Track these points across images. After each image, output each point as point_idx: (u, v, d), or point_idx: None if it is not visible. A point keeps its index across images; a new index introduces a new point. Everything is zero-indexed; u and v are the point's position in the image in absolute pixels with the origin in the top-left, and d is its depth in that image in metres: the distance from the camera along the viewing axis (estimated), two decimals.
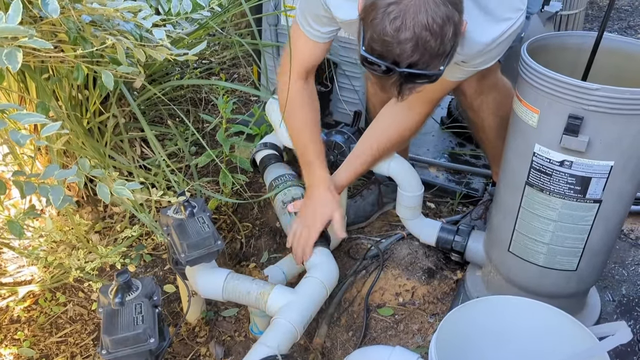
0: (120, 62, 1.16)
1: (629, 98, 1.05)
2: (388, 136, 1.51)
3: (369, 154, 1.53)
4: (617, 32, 3.66)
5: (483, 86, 1.53)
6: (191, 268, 1.31)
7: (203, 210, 1.34)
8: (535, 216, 1.27)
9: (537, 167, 1.22)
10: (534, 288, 1.38)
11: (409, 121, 1.48)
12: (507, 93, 1.54)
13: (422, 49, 0.99)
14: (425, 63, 1.02)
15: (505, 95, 1.54)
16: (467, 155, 2.16)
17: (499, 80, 1.54)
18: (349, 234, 1.84)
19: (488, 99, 1.55)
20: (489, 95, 1.55)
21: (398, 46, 0.99)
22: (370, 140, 1.53)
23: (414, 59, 1.00)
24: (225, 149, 1.81)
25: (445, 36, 1.00)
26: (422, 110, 1.46)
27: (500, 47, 1.23)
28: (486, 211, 1.77)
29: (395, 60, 1.01)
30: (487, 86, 1.53)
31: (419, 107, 1.45)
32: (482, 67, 1.29)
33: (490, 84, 1.53)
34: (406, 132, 1.50)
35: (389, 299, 1.62)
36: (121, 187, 1.12)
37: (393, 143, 1.52)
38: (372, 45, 1.03)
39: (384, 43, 1.00)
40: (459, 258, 1.60)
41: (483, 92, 1.54)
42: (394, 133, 1.50)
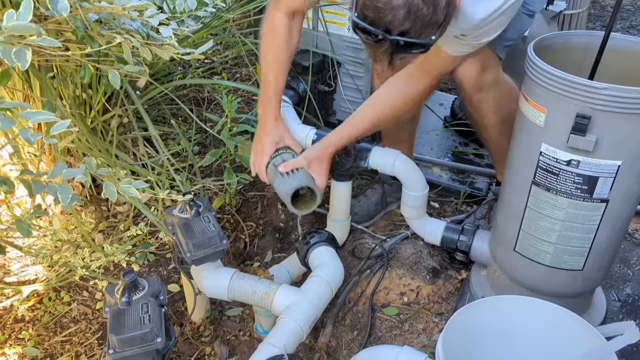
0: (127, 61, 1.16)
1: (637, 97, 1.05)
2: (390, 105, 1.49)
3: (368, 121, 1.51)
4: (620, 31, 3.66)
5: (482, 82, 1.51)
6: (197, 267, 1.31)
7: (208, 210, 1.34)
8: (541, 216, 1.27)
9: (543, 166, 1.22)
10: (540, 288, 1.37)
11: (412, 91, 1.46)
12: (508, 92, 1.54)
13: (414, 16, 1.00)
14: (417, 31, 1.02)
15: (506, 94, 1.54)
16: (471, 154, 2.16)
17: (499, 78, 1.53)
18: (352, 234, 1.84)
19: (488, 97, 1.54)
20: (489, 92, 1.53)
21: (390, 13, 1.00)
22: (372, 107, 1.52)
23: (405, 27, 1.01)
24: (229, 148, 1.81)
25: (438, 5, 1.01)
26: (425, 82, 1.45)
27: (497, 22, 1.23)
28: (490, 211, 1.77)
29: (387, 27, 1.02)
30: (487, 83, 1.51)
31: (422, 78, 1.44)
32: (482, 41, 1.29)
33: (489, 80, 1.51)
34: (409, 102, 1.48)
35: (394, 298, 1.62)
36: (128, 185, 1.12)
37: (395, 111, 1.50)
38: (365, 11, 1.03)
39: (376, 9, 1.01)
40: (464, 257, 1.59)
41: (482, 89, 1.52)
42: (396, 102, 1.49)
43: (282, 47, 1.54)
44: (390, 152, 1.58)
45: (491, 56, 1.49)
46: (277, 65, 1.56)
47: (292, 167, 1.48)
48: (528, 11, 1.49)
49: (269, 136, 1.56)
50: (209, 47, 1.19)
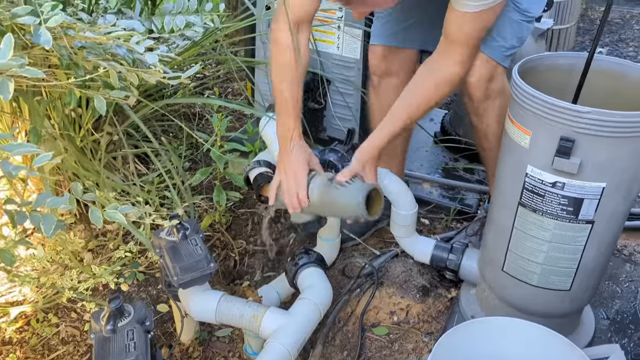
0: (113, 85, 1.16)
1: (620, 121, 1.06)
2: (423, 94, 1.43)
3: (406, 115, 1.45)
4: (609, 45, 3.69)
5: (490, 90, 1.52)
6: (184, 291, 1.30)
7: (196, 232, 1.34)
8: (528, 236, 1.28)
9: (529, 187, 1.22)
10: (528, 308, 1.38)
11: (440, 73, 1.41)
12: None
13: None
14: None
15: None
16: (461, 170, 2.17)
17: (505, 86, 1.54)
18: (342, 252, 1.84)
19: (494, 104, 1.55)
20: (495, 100, 1.54)
21: None
22: (406, 101, 1.45)
23: None
24: (219, 167, 1.81)
25: None
26: (449, 60, 1.39)
27: None
28: (482, 228, 1.77)
29: None
30: (495, 91, 1.53)
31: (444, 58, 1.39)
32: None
33: (497, 88, 1.53)
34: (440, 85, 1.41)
35: (384, 317, 1.61)
36: (114, 211, 1.12)
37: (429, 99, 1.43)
38: None
39: None
40: (453, 276, 1.60)
41: (490, 97, 1.54)
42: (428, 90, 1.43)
43: (291, 65, 1.48)
44: (379, 171, 1.59)
45: (495, 66, 1.50)
46: (289, 82, 1.50)
47: (350, 175, 1.41)
48: (527, 18, 1.49)
49: (299, 158, 1.46)
50: (195, 70, 1.19)
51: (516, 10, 1.47)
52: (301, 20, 1.49)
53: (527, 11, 1.49)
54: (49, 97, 1.42)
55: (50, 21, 0.87)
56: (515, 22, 1.48)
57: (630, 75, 1.27)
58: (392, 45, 1.68)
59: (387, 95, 1.75)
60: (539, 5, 1.53)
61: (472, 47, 1.39)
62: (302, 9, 1.47)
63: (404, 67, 1.72)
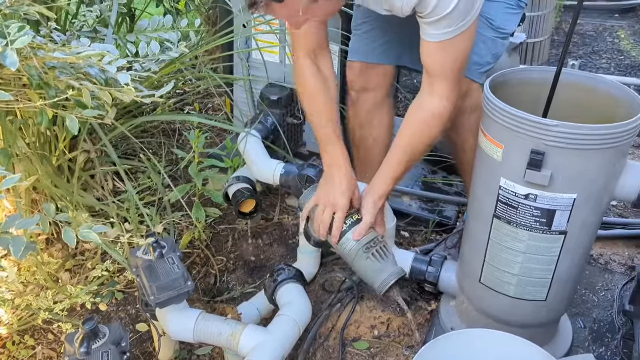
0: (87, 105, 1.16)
1: (588, 134, 1.08)
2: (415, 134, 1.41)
3: (405, 160, 1.43)
4: (583, 57, 3.76)
5: (465, 106, 1.54)
6: (161, 310, 1.29)
7: (173, 251, 1.33)
8: (504, 248, 1.29)
9: (503, 200, 1.24)
10: (506, 319, 1.39)
11: (428, 110, 1.38)
12: None
13: None
14: None
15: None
16: (440, 182, 2.19)
17: (481, 102, 1.56)
18: (323, 267, 1.84)
19: (470, 119, 1.57)
20: (472, 115, 1.57)
21: None
22: (402, 145, 1.43)
23: None
24: (198, 184, 1.80)
25: None
26: (434, 97, 1.36)
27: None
28: (460, 240, 1.78)
29: None
30: (470, 107, 1.55)
31: (428, 94, 1.37)
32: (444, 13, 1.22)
33: (472, 104, 1.55)
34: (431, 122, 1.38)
35: (365, 332, 1.61)
36: (87, 231, 1.11)
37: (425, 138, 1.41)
38: None
39: None
40: (432, 289, 1.60)
41: (465, 112, 1.56)
42: (421, 129, 1.40)
43: (318, 90, 1.48)
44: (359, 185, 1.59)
45: (470, 83, 1.53)
46: (319, 112, 1.49)
47: (367, 231, 1.38)
48: (502, 35, 1.51)
49: (345, 193, 1.41)
50: (169, 89, 1.19)
51: (490, 28, 1.50)
52: (316, 49, 1.49)
53: (501, 28, 1.51)
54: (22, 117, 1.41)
55: (17, 42, 0.87)
56: (490, 40, 1.51)
57: (600, 89, 1.30)
58: (369, 61, 1.70)
59: (365, 110, 1.77)
60: (513, 22, 1.55)
61: (452, 79, 1.35)
62: (311, 39, 1.47)
63: (382, 82, 1.74)
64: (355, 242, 1.36)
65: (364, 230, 1.37)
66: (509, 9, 1.52)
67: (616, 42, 4.08)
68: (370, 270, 1.35)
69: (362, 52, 1.71)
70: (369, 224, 1.38)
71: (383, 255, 1.35)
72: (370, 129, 1.80)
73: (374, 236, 1.38)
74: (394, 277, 1.32)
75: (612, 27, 4.38)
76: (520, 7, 1.55)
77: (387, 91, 1.77)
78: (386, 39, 1.66)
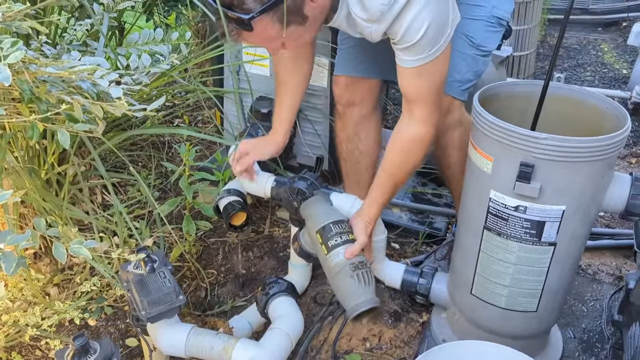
0: (78, 119, 1.16)
1: (575, 147, 1.10)
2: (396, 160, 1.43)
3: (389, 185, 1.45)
4: (568, 70, 3.83)
5: (448, 123, 1.56)
6: (152, 325, 1.28)
7: (164, 265, 1.32)
8: (494, 259, 1.30)
9: (493, 211, 1.25)
10: (497, 330, 1.40)
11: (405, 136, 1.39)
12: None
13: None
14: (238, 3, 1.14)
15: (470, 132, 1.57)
16: (429, 194, 2.20)
17: (464, 118, 1.59)
18: (314, 279, 1.84)
19: (453, 136, 1.59)
20: (455, 131, 1.59)
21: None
22: (385, 171, 1.45)
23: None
24: (188, 197, 1.79)
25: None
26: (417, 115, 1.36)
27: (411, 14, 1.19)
28: (450, 251, 1.79)
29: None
30: (452, 123, 1.57)
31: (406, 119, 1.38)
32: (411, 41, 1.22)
33: (454, 120, 1.57)
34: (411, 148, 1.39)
35: (357, 344, 1.61)
36: (78, 246, 1.10)
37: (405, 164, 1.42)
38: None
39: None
40: (423, 300, 1.61)
41: (449, 129, 1.58)
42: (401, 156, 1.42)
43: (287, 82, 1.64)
44: (348, 197, 1.60)
45: (451, 100, 1.54)
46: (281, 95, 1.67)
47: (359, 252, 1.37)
48: (483, 52, 1.53)
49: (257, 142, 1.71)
50: (160, 103, 1.19)
51: (471, 46, 1.52)
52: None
53: (482, 46, 1.53)
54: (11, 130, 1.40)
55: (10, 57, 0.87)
56: (470, 57, 1.52)
57: (587, 102, 1.32)
58: (354, 75, 1.71)
59: (352, 124, 1.78)
60: (494, 40, 1.57)
61: (431, 103, 1.35)
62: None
63: (368, 96, 1.75)
64: (345, 259, 1.35)
65: (356, 250, 1.36)
66: (489, 27, 1.52)
67: (599, 54, 4.16)
68: (350, 289, 1.31)
69: (347, 67, 1.72)
70: (362, 245, 1.37)
71: (367, 280, 1.32)
72: (357, 142, 1.81)
73: (363, 259, 1.37)
74: (369, 304, 1.27)
75: (596, 40, 4.46)
76: (501, 25, 1.55)
77: (373, 105, 1.78)
78: (369, 54, 1.67)
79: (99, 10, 1.57)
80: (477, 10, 1.50)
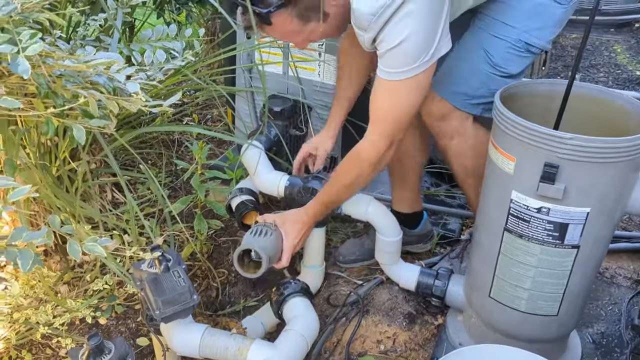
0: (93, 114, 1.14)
1: (601, 147, 1.07)
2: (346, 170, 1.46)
3: (335, 190, 1.50)
4: (581, 71, 3.78)
5: (444, 130, 1.51)
6: (166, 325, 1.26)
7: (178, 263, 1.30)
8: (515, 262, 1.27)
9: (514, 213, 1.22)
10: (515, 333, 1.37)
11: (364, 149, 1.39)
12: (474, 145, 1.51)
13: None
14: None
15: (471, 146, 1.51)
16: (442, 195, 2.17)
17: (466, 129, 1.51)
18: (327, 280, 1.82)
19: (451, 145, 1.54)
20: (452, 141, 1.53)
21: None
22: (335, 175, 1.49)
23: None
24: (200, 196, 1.78)
25: None
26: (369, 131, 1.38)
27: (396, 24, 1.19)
28: (464, 250, 1.77)
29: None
30: (449, 132, 1.51)
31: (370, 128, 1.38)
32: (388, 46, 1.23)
33: (451, 129, 1.51)
34: (364, 162, 1.40)
35: (370, 346, 1.59)
36: (93, 243, 1.08)
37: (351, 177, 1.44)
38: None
39: None
40: (439, 303, 1.58)
41: (445, 137, 1.53)
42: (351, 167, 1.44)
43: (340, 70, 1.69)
44: (363, 197, 1.58)
45: (450, 109, 1.48)
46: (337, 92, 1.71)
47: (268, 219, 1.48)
48: (501, 73, 1.43)
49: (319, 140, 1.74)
50: (176, 99, 1.17)
51: (487, 63, 1.43)
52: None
53: (500, 66, 1.42)
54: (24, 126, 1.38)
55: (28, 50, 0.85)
56: (484, 74, 1.44)
57: (610, 102, 1.29)
58: None
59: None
60: (517, 64, 1.44)
61: (385, 126, 1.35)
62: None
63: None
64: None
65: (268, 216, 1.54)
66: (513, 50, 1.41)
67: (612, 55, 4.11)
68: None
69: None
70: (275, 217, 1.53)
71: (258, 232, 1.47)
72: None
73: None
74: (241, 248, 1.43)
75: (608, 41, 4.41)
76: (530, 52, 1.43)
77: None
78: None
79: (112, 5, 1.55)
80: (504, 29, 1.40)
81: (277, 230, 1.51)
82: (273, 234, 1.48)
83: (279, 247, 1.50)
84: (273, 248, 1.47)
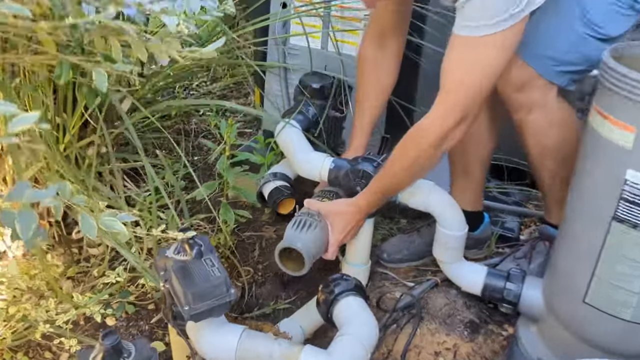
0: (115, 59, 0.92)
1: None
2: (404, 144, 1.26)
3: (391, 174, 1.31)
4: None
5: (521, 102, 1.30)
6: (195, 324, 1.02)
7: (210, 251, 1.07)
8: (624, 259, 1.04)
9: (629, 198, 0.99)
10: (617, 348, 1.13)
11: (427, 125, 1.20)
12: (559, 122, 1.32)
13: None
14: None
15: (555, 122, 1.32)
16: (495, 190, 1.94)
17: (548, 102, 1.31)
18: (371, 281, 1.58)
19: (528, 120, 1.33)
20: (530, 114, 1.32)
21: None
22: (392, 157, 1.30)
23: None
24: (229, 180, 1.55)
25: None
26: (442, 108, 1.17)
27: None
28: (532, 250, 1.53)
29: None
30: (527, 103, 1.31)
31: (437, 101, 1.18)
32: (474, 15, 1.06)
33: (531, 102, 1.30)
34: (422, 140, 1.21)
35: (427, 359, 1.35)
36: (112, 218, 0.85)
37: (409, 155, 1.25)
38: None
39: None
40: (510, 309, 1.34)
41: (522, 109, 1.32)
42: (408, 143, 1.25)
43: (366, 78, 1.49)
44: (424, 183, 1.36)
45: (532, 76, 1.27)
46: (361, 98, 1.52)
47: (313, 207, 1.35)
48: (598, 35, 1.22)
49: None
50: (221, 44, 0.95)
51: (581, 21, 1.22)
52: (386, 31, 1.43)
53: (597, 26, 1.22)
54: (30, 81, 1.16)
55: None
56: (577, 36, 1.23)
57: None
58: None
59: None
60: (619, 23, 1.24)
61: (456, 92, 1.15)
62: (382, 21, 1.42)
63: None
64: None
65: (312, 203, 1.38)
66: (615, 6, 1.21)
67: None
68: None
69: None
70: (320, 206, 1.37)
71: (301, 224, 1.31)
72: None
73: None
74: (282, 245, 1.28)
75: None
76: (635, 10, 1.23)
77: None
78: None
79: None
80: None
81: (323, 221, 1.33)
82: (318, 227, 1.31)
83: (325, 241, 1.33)
84: (317, 243, 1.30)
